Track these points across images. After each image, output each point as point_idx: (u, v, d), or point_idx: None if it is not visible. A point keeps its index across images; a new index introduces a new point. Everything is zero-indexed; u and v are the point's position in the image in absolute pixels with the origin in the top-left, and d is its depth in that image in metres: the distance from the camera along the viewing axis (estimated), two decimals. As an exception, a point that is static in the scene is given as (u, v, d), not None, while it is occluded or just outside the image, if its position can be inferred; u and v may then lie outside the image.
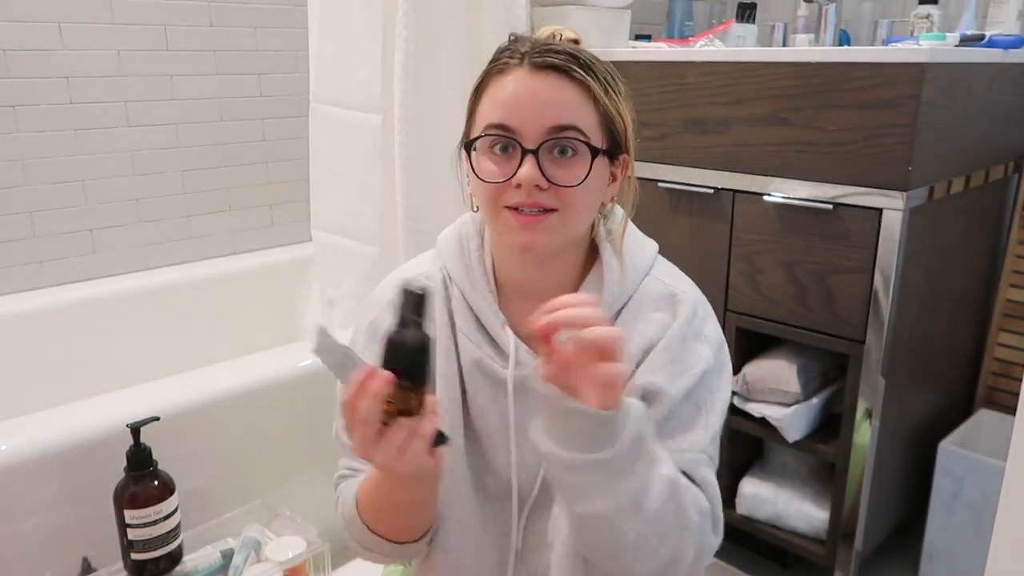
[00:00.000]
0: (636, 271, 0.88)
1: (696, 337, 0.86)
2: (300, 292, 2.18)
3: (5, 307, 1.74)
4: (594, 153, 0.79)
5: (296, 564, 1.18)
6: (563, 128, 0.77)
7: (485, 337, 0.88)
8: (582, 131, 0.78)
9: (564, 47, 0.80)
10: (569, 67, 0.78)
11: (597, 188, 0.83)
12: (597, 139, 0.80)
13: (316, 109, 1.76)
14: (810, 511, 1.60)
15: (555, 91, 0.78)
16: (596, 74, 0.79)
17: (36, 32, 1.72)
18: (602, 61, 0.82)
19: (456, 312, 0.89)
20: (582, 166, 0.78)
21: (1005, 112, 1.61)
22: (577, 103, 0.78)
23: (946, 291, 1.62)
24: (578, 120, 0.78)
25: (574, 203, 0.80)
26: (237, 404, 1.41)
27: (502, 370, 0.87)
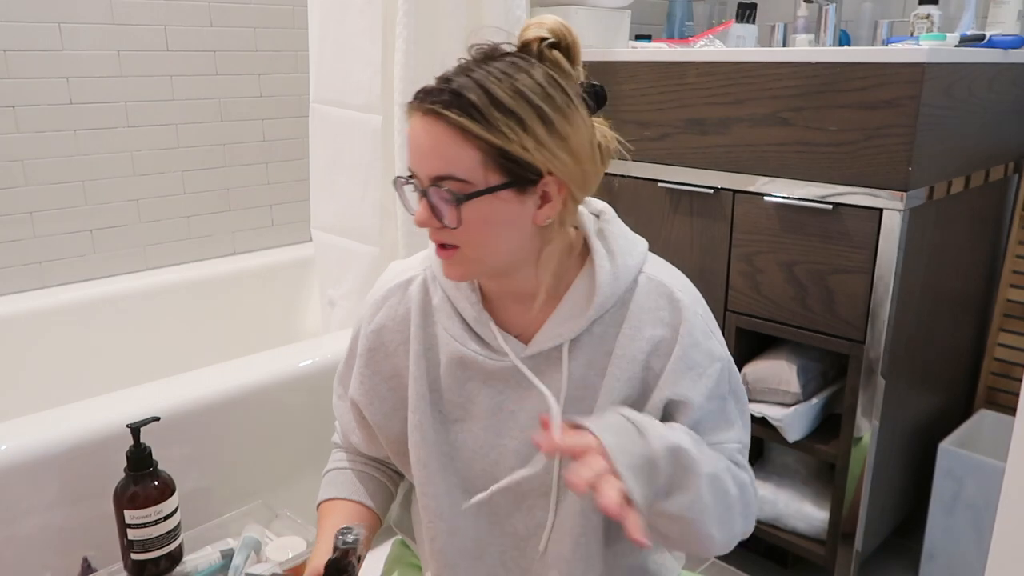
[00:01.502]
0: (628, 270, 0.89)
1: (706, 336, 0.88)
2: (300, 292, 2.18)
3: (5, 307, 1.74)
4: (459, 201, 0.78)
5: (296, 564, 1.17)
6: (438, 178, 0.78)
7: (470, 334, 0.91)
8: (457, 178, 0.78)
9: (454, 85, 0.77)
10: (442, 112, 0.77)
11: (504, 221, 0.81)
12: (482, 179, 0.78)
13: (316, 109, 1.76)
14: (810, 511, 1.60)
15: (431, 138, 0.78)
16: (480, 111, 0.76)
17: (36, 32, 1.72)
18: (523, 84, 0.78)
19: (438, 311, 0.93)
20: (462, 212, 0.79)
21: (1005, 112, 1.61)
22: (451, 149, 0.77)
23: (946, 291, 1.62)
24: (452, 167, 0.78)
25: (470, 241, 0.82)
26: (237, 404, 1.41)
27: (488, 362, 0.90)
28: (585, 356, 0.89)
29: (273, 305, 2.14)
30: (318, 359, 1.54)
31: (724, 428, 0.89)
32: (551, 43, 0.81)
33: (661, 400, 0.87)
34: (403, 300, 0.95)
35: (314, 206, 1.84)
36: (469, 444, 0.94)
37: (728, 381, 0.90)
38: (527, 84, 0.78)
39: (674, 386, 0.86)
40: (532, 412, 0.91)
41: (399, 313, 0.95)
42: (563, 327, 0.88)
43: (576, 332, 0.88)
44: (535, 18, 0.83)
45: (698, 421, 0.87)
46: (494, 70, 0.78)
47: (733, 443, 0.89)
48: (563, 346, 0.88)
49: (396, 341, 0.95)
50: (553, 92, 0.79)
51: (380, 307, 0.96)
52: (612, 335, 0.88)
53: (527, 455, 0.91)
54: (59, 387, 1.74)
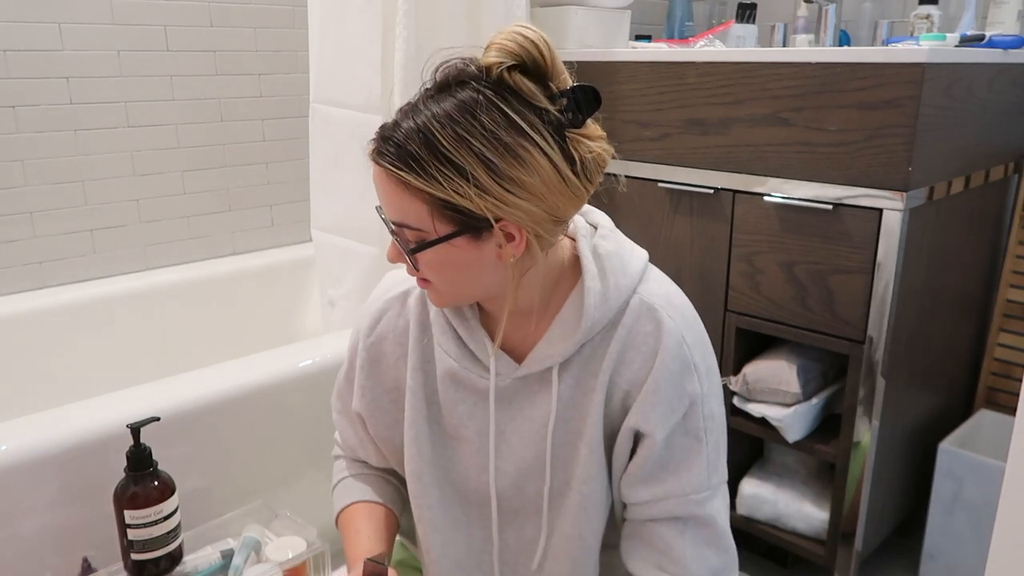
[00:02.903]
0: (620, 291, 0.85)
1: (684, 370, 0.85)
2: (300, 292, 2.18)
3: (5, 307, 1.74)
4: (411, 251, 0.80)
5: (296, 564, 1.17)
6: (396, 224, 0.80)
7: (464, 350, 0.90)
8: (410, 226, 0.79)
9: (398, 135, 0.76)
10: (384, 165, 0.77)
11: (464, 264, 0.80)
12: (432, 227, 0.77)
13: (316, 109, 1.76)
14: (810, 511, 1.60)
15: (383, 187, 0.79)
16: (421, 163, 0.75)
17: (36, 32, 1.72)
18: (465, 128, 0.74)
19: (434, 324, 0.92)
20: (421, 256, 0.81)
21: (1005, 112, 1.61)
22: (399, 199, 0.78)
23: (946, 291, 1.62)
24: (404, 216, 0.78)
25: (439, 280, 0.83)
26: (237, 404, 1.41)
27: (480, 380, 0.90)
28: (574, 377, 0.88)
29: (273, 305, 2.14)
30: (318, 359, 1.54)
31: (690, 466, 0.87)
32: (511, 66, 0.75)
33: (629, 429, 0.87)
34: (402, 312, 0.94)
35: (314, 206, 1.84)
36: (464, 460, 0.93)
37: (708, 419, 0.87)
38: (471, 129, 0.74)
39: (640, 417, 0.85)
40: (523, 433, 0.90)
41: (399, 325, 0.94)
42: (553, 348, 0.86)
43: (565, 355, 0.86)
44: (500, 35, 0.76)
45: (665, 453, 0.86)
46: (440, 112, 0.75)
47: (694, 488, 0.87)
48: (553, 369, 0.87)
49: (396, 353, 0.95)
50: (502, 133, 0.74)
51: (379, 318, 0.95)
52: (600, 356, 0.87)
53: (518, 475, 0.91)
54: (59, 387, 1.74)
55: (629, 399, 0.86)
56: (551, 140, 0.75)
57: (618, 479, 0.90)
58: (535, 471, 0.90)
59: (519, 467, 0.91)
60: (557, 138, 0.76)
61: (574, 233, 0.88)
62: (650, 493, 0.87)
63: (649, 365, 0.85)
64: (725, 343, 1.63)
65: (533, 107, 0.75)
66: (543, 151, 0.75)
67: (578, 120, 0.77)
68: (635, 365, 0.85)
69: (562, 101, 0.76)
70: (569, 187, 0.77)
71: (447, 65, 0.78)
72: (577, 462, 0.88)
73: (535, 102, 0.75)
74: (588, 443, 0.87)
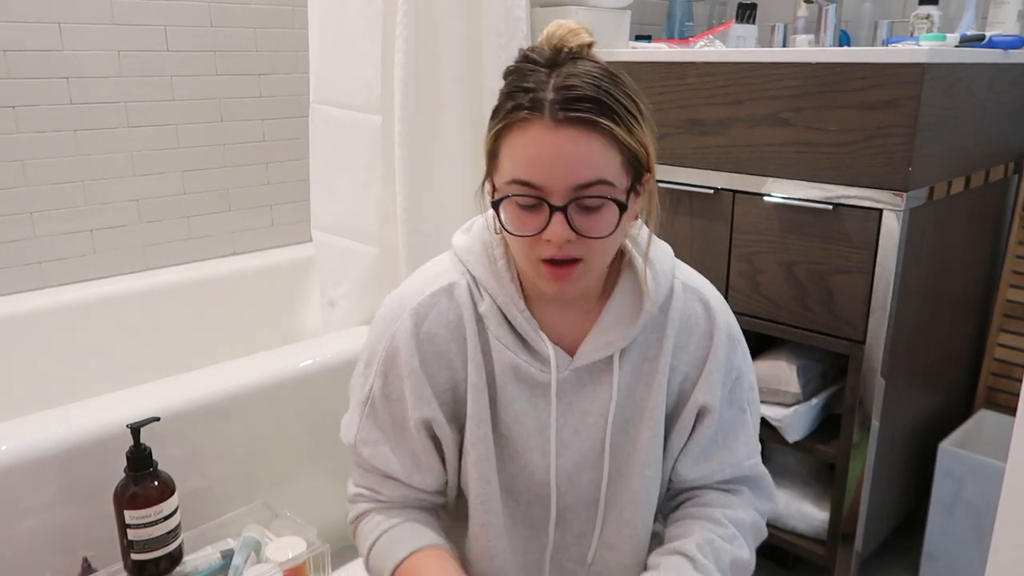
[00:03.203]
0: (666, 276, 0.90)
1: (734, 346, 0.91)
2: (300, 292, 2.18)
3: (5, 307, 1.74)
4: (621, 207, 0.77)
5: (296, 564, 1.17)
6: (589, 184, 0.75)
7: (520, 342, 0.87)
8: (608, 182, 0.76)
9: (588, 91, 0.74)
10: (593, 119, 0.74)
11: (627, 222, 0.81)
12: (623, 181, 0.77)
13: (316, 109, 1.76)
14: (810, 511, 1.60)
15: (579, 146, 0.74)
16: (619, 115, 0.75)
17: (36, 32, 1.72)
18: (622, 82, 0.78)
19: (487, 318, 0.87)
20: (610, 218, 0.77)
21: (1005, 112, 1.61)
22: (602, 154, 0.75)
23: (946, 291, 1.62)
24: (604, 172, 0.75)
25: (604, 250, 0.80)
26: (237, 404, 1.41)
27: (540, 373, 0.87)
28: (631, 364, 0.88)
29: (273, 305, 2.14)
30: (318, 359, 1.54)
31: (738, 436, 0.93)
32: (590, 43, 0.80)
33: (694, 407, 0.90)
34: (451, 305, 0.87)
35: (314, 206, 1.84)
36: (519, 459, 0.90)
37: (751, 389, 0.94)
38: (627, 84, 0.78)
39: (707, 394, 0.89)
40: (576, 426, 0.89)
41: (450, 319, 0.87)
42: (611, 335, 0.86)
43: (627, 341, 0.86)
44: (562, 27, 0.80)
45: (719, 426, 0.91)
46: (596, 72, 0.76)
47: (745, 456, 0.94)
48: (614, 356, 0.87)
49: (452, 350, 0.87)
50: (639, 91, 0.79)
51: (425, 315, 0.87)
52: (654, 342, 0.88)
53: (572, 469, 0.90)
54: (59, 387, 1.74)
55: (687, 380, 0.90)
56: None
57: (673, 459, 0.93)
58: (589, 463, 0.90)
59: (575, 461, 0.90)
60: None
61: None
62: (707, 467, 0.93)
63: (706, 345, 0.89)
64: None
65: None
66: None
67: None
68: (691, 347, 0.89)
69: None
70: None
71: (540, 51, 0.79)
72: (637, 447, 0.90)
73: None
74: (651, 427, 0.89)
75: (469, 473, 0.89)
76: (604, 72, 0.77)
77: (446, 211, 1.78)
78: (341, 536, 1.58)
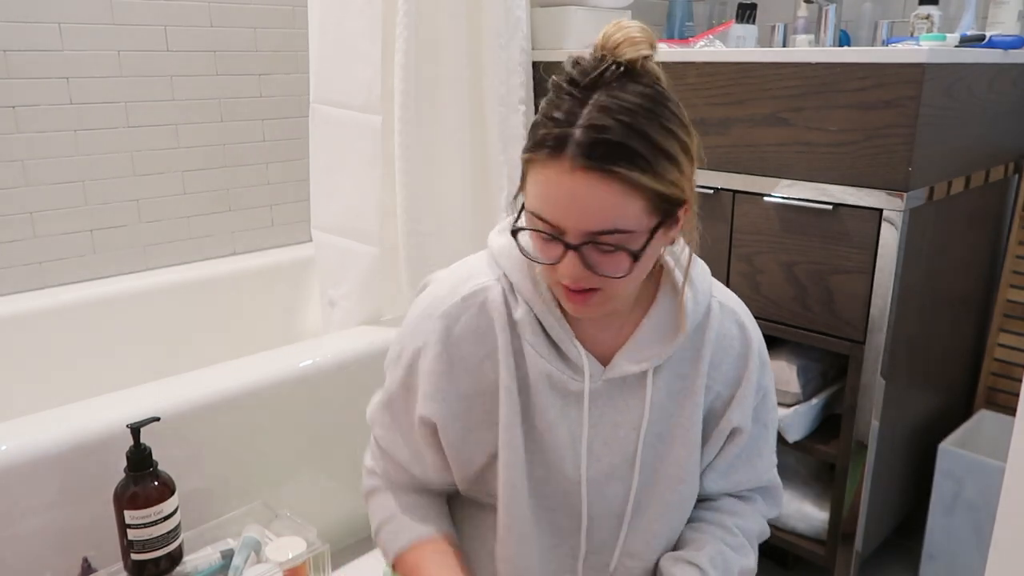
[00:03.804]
0: (704, 295, 0.90)
1: (765, 367, 0.94)
2: (300, 292, 2.18)
3: (5, 307, 1.74)
4: (634, 256, 0.75)
5: (296, 564, 1.17)
6: (603, 232, 0.73)
7: (555, 351, 0.87)
8: (624, 231, 0.73)
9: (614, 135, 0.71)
10: (614, 168, 0.71)
11: (652, 257, 0.79)
12: (645, 223, 0.74)
13: (316, 109, 1.76)
14: (810, 511, 1.60)
15: (597, 193, 0.71)
16: (648, 160, 0.72)
17: (36, 32, 1.72)
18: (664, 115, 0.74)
19: (522, 325, 0.86)
20: (624, 263, 0.75)
21: (1005, 112, 1.62)
22: (621, 203, 0.72)
23: (946, 291, 1.62)
24: (621, 221, 0.73)
25: (620, 284, 0.78)
26: (237, 404, 1.41)
27: (572, 382, 0.86)
28: (663, 382, 0.88)
29: (273, 305, 2.14)
30: (318, 359, 1.54)
31: (761, 452, 0.96)
32: (647, 56, 0.75)
33: (727, 427, 0.91)
34: (482, 312, 0.87)
35: (314, 206, 1.84)
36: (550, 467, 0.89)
37: (773, 408, 0.96)
38: (668, 117, 0.74)
39: (739, 415, 0.91)
40: (607, 438, 0.89)
41: (480, 325, 0.87)
42: (647, 351, 0.86)
43: (663, 358, 0.86)
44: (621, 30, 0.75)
45: (744, 447, 0.94)
46: (633, 106, 0.72)
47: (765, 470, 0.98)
48: (648, 372, 0.87)
49: (478, 356, 0.87)
50: (682, 114, 0.76)
51: (457, 319, 0.87)
52: (688, 360, 0.88)
53: (601, 479, 0.89)
54: (59, 387, 1.74)
55: (719, 399, 0.91)
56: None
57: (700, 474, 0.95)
58: (618, 475, 0.89)
59: (604, 472, 0.89)
60: None
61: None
62: (731, 481, 0.96)
63: (741, 366, 0.90)
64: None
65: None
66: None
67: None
68: (725, 366, 0.90)
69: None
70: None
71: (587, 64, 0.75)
72: (668, 462, 0.90)
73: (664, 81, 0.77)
74: (686, 445, 0.89)
75: (500, 475, 0.89)
76: (645, 102, 0.73)
77: (446, 211, 1.78)
78: (341, 536, 1.59)
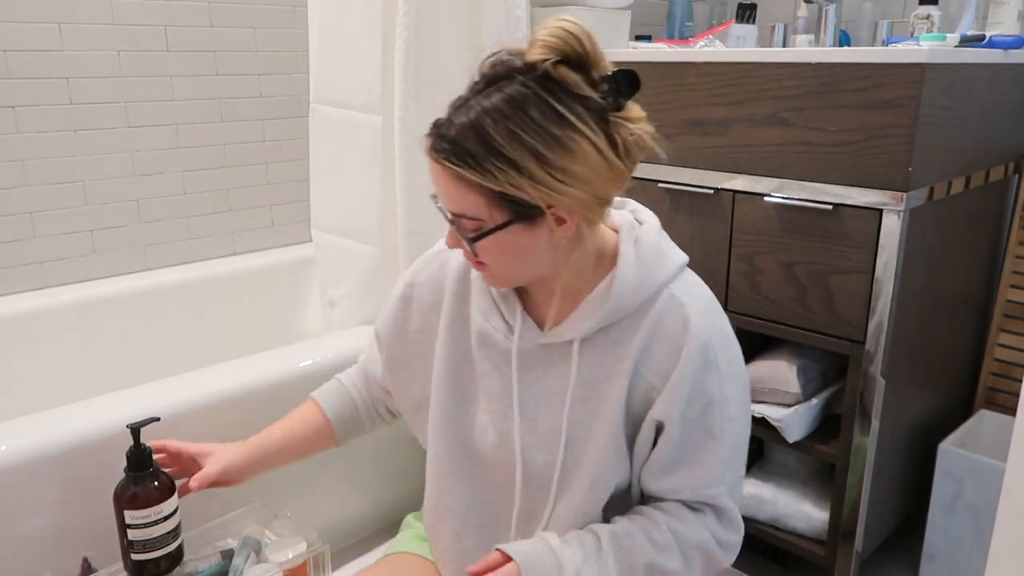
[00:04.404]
0: (650, 284, 0.89)
1: (707, 369, 0.88)
2: (300, 292, 2.18)
3: (5, 307, 1.74)
4: (471, 240, 0.84)
5: (296, 565, 1.17)
6: (455, 215, 0.84)
7: (494, 309, 0.96)
8: (470, 217, 0.83)
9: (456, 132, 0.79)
10: (444, 162, 0.80)
11: (519, 249, 0.85)
12: (496, 217, 0.82)
13: (316, 109, 1.76)
14: (810, 512, 1.60)
15: (441, 181, 0.83)
16: (478, 161, 0.78)
17: (36, 32, 1.72)
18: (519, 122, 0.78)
19: (473, 283, 0.99)
20: (483, 244, 0.85)
21: (1005, 112, 1.62)
22: (460, 192, 0.82)
23: (946, 291, 1.62)
24: (464, 208, 0.83)
25: (494, 264, 0.87)
26: (237, 404, 1.41)
27: (504, 340, 0.94)
28: (597, 358, 0.90)
29: (273, 305, 2.14)
30: (318, 359, 1.54)
31: (702, 461, 0.90)
32: (556, 61, 0.79)
33: (652, 420, 0.90)
34: (441, 269, 1.02)
35: (314, 206, 1.84)
36: (480, 418, 0.98)
37: (724, 420, 0.90)
38: (522, 123, 0.78)
39: (664, 408, 0.88)
40: (541, 401, 0.93)
41: (437, 279, 1.02)
42: (579, 324, 0.90)
43: (586, 332, 0.90)
44: (543, 31, 0.80)
45: (680, 446, 0.90)
46: (491, 106, 0.78)
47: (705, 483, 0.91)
48: (574, 343, 0.91)
49: (428, 301, 1.03)
50: (551, 126, 0.78)
51: (424, 267, 1.04)
52: (627, 342, 0.90)
53: (533, 442, 0.94)
54: (59, 387, 1.74)
55: (653, 391, 0.89)
56: (596, 127, 0.80)
57: (639, 469, 0.93)
58: (547, 442, 0.93)
59: (535, 434, 0.94)
60: (601, 124, 0.80)
61: (619, 225, 0.92)
62: (667, 483, 0.92)
63: (674, 359, 0.88)
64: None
65: (578, 96, 0.79)
66: (589, 139, 0.79)
67: (619, 103, 0.82)
68: (659, 357, 0.89)
69: (603, 87, 0.81)
70: (613, 170, 0.83)
71: (495, 60, 0.82)
72: (593, 442, 0.91)
73: (579, 91, 0.80)
74: (608, 426, 0.90)
75: (430, 413, 1.01)
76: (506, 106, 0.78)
77: (446, 211, 1.77)
78: (341, 536, 1.58)
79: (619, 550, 0.88)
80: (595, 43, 0.82)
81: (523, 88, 0.79)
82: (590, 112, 0.79)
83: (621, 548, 0.89)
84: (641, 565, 0.88)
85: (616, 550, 0.88)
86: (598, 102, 0.80)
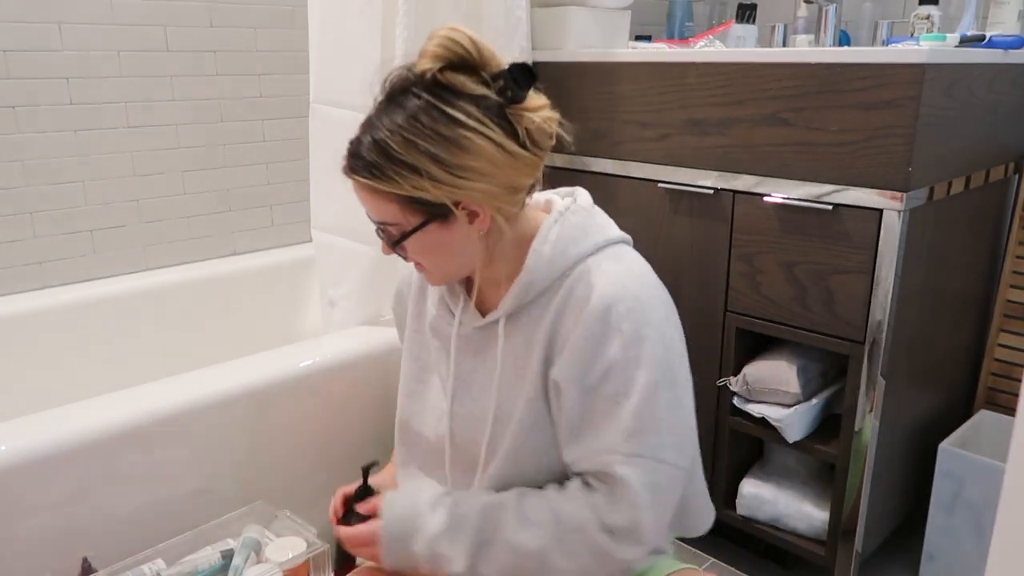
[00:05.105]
0: (567, 257, 0.92)
1: (607, 334, 0.87)
2: (300, 292, 2.18)
3: (5, 307, 1.74)
4: (394, 243, 0.93)
5: (296, 565, 1.17)
6: (376, 223, 0.93)
7: (443, 302, 1.04)
8: (390, 223, 0.91)
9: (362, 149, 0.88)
10: (356, 177, 0.89)
11: (442, 245, 0.92)
12: (409, 220, 0.89)
13: (316, 109, 1.76)
14: (810, 512, 1.60)
15: (361, 194, 0.92)
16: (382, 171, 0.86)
17: (36, 32, 1.72)
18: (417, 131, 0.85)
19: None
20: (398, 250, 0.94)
21: (1005, 112, 1.62)
22: (372, 203, 0.91)
23: (946, 291, 1.62)
24: (383, 216, 0.91)
25: (425, 263, 0.95)
26: (237, 404, 1.41)
27: (448, 327, 1.02)
28: (522, 335, 0.95)
29: (273, 305, 2.14)
30: (318, 359, 1.54)
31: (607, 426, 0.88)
32: (442, 67, 0.86)
33: (551, 381, 0.93)
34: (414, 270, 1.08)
35: (314, 206, 1.84)
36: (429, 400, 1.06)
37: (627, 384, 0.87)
38: (416, 131, 0.85)
39: (558, 371, 0.91)
40: (481, 383, 0.99)
41: (415, 274, 1.10)
42: (504, 304, 0.96)
43: (509, 311, 0.96)
44: (430, 42, 0.88)
45: (580, 411, 0.90)
46: (389, 122, 0.86)
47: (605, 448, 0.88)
48: (499, 323, 0.96)
49: (407, 294, 1.13)
50: (442, 128, 0.84)
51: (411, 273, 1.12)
52: (543, 317, 0.93)
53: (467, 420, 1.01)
54: (59, 387, 1.74)
55: (558, 357, 0.93)
56: (490, 122, 0.85)
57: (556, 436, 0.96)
58: (475, 421, 0.99)
59: (472, 413, 0.99)
60: (497, 118, 0.85)
61: (550, 207, 0.98)
62: (573, 454, 0.92)
63: (574, 325, 0.90)
64: (725, 343, 1.63)
65: (469, 97, 0.85)
66: (483, 135, 0.84)
67: (519, 96, 0.86)
68: (568, 325, 0.91)
69: (499, 83, 0.86)
70: (517, 159, 0.87)
71: (394, 77, 0.91)
72: (517, 413, 0.95)
73: (470, 91, 0.86)
74: (527, 398, 0.94)
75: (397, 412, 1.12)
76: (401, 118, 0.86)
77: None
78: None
79: (484, 520, 0.91)
80: (480, 46, 0.87)
81: (415, 99, 0.86)
82: (484, 109, 0.85)
83: (486, 519, 0.91)
84: (499, 540, 0.90)
85: (481, 520, 0.91)
86: (494, 98, 0.85)
